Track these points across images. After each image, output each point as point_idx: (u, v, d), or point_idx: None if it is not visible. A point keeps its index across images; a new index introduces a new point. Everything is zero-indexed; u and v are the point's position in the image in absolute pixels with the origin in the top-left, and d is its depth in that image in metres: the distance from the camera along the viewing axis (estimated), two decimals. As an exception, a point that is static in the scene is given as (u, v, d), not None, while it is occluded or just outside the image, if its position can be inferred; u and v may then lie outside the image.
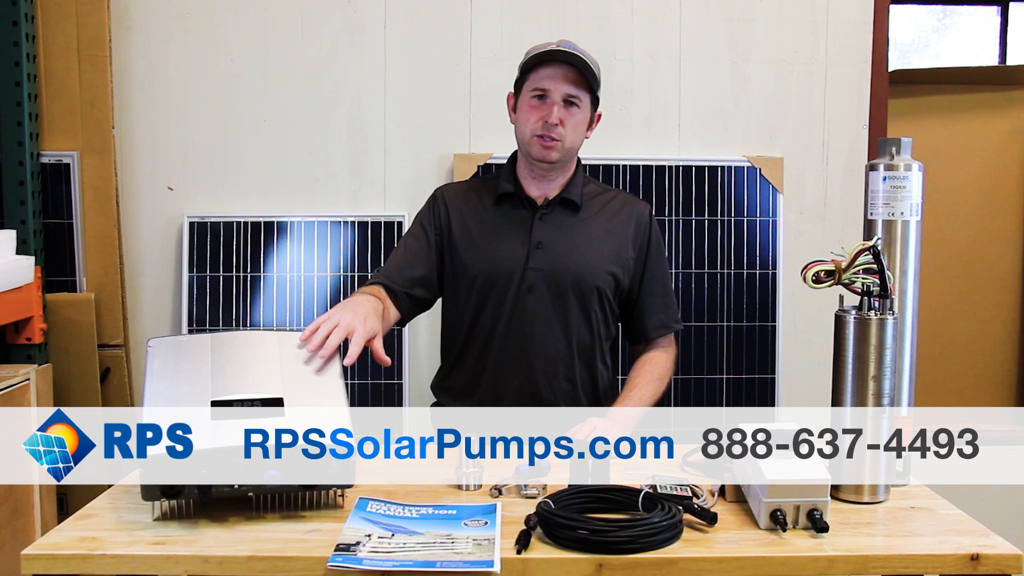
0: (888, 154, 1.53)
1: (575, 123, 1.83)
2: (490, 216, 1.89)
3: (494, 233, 1.87)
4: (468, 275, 1.87)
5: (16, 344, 2.42)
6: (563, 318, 1.85)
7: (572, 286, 1.85)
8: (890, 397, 1.43)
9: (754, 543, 1.27)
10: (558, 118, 1.79)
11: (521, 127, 1.85)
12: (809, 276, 1.43)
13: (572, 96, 1.81)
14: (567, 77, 1.80)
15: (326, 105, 2.69)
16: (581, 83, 1.81)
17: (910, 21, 3.15)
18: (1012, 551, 1.26)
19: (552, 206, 1.88)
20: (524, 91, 1.84)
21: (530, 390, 1.86)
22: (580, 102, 1.82)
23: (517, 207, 1.89)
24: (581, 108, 1.83)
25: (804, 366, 2.73)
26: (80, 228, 2.59)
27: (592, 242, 1.88)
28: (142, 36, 2.64)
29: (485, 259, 1.86)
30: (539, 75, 1.81)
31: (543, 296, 1.84)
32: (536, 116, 1.81)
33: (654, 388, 1.87)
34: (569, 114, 1.81)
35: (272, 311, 2.64)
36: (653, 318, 1.93)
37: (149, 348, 1.53)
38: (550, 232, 1.86)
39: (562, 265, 1.84)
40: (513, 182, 1.90)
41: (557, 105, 1.80)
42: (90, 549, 1.24)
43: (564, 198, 1.89)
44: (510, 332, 1.85)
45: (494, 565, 1.19)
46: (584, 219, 1.89)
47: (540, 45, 1.84)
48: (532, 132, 1.81)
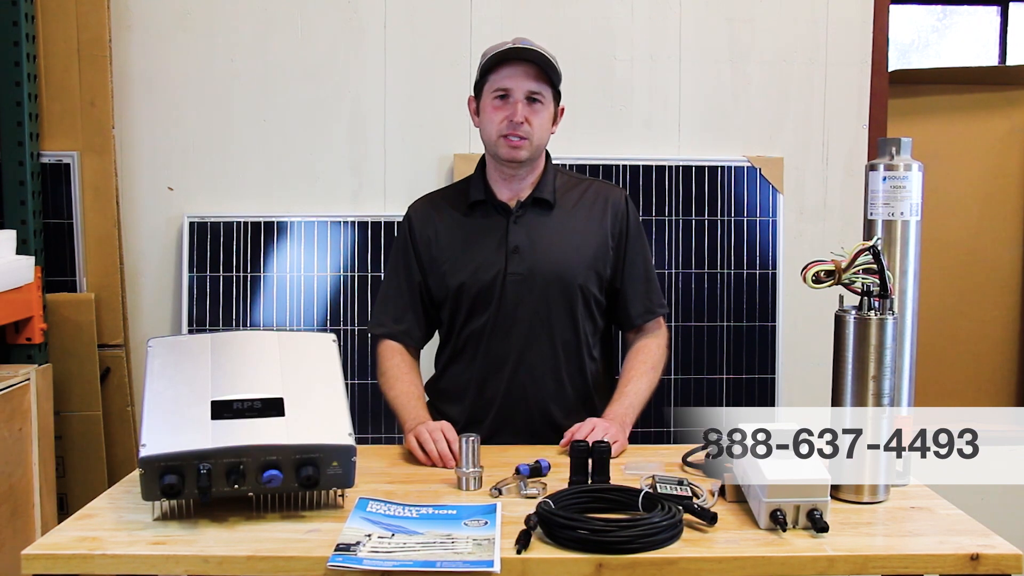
0: (888, 154, 1.53)
1: (540, 120, 1.82)
2: (464, 225, 1.89)
3: (470, 242, 1.87)
4: (449, 288, 1.87)
5: (16, 344, 2.42)
6: (546, 320, 1.85)
7: (553, 288, 1.84)
8: (890, 397, 1.43)
9: (754, 543, 1.28)
10: (523, 116, 1.79)
11: (486, 129, 1.84)
12: (809, 276, 1.43)
13: (534, 93, 1.80)
14: (527, 74, 1.79)
15: (326, 105, 2.69)
16: (542, 79, 1.80)
17: (910, 21, 3.15)
18: (1012, 551, 1.26)
19: (525, 208, 1.87)
20: (485, 93, 1.83)
21: (517, 393, 1.86)
22: (543, 98, 1.81)
23: (490, 213, 1.88)
24: (544, 104, 1.82)
25: (804, 366, 2.73)
26: (80, 228, 2.59)
27: (570, 240, 1.86)
28: (142, 36, 2.64)
29: (464, 270, 1.85)
30: (499, 75, 1.80)
31: (524, 300, 1.84)
32: (500, 116, 1.80)
33: (648, 379, 1.88)
34: (533, 111, 1.80)
35: (272, 311, 2.64)
36: (637, 304, 1.92)
37: (149, 348, 1.53)
38: (526, 235, 1.85)
39: (541, 268, 1.83)
40: (483, 188, 1.89)
41: (520, 103, 1.79)
42: (90, 549, 1.24)
43: (536, 198, 1.88)
44: (494, 338, 1.85)
45: (494, 565, 1.19)
46: (559, 216, 1.88)
47: (496, 46, 1.83)
48: (498, 133, 1.81)
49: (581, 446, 1.50)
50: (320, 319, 2.65)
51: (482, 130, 1.86)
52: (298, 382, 1.47)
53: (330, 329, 2.63)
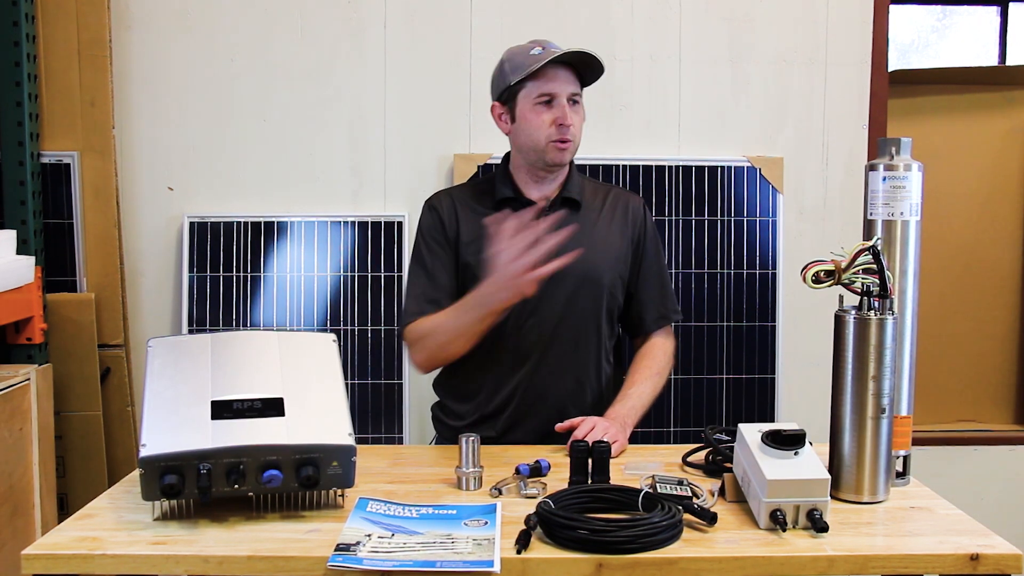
0: (888, 154, 1.53)
1: (581, 121, 1.86)
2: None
3: None
4: (478, 282, 1.86)
5: (16, 344, 2.42)
6: (571, 319, 1.85)
7: (583, 288, 1.85)
8: (890, 397, 1.43)
9: (754, 543, 1.28)
10: (571, 119, 1.81)
11: (532, 134, 1.82)
12: (809, 276, 1.43)
13: (575, 95, 1.83)
14: (568, 77, 1.81)
15: (326, 105, 2.69)
16: (578, 80, 1.84)
17: (910, 21, 3.15)
18: (1012, 551, 1.26)
19: (555, 207, 1.88)
20: (524, 99, 1.82)
21: (536, 391, 1.85)
22: (580, 99, 1.85)
23: (520, 209, 1.88)
24: (581, 104, 1.86)
25: (804, 366, 2.73)
26: (80, 228, 2.59)
27: (597, 242, 1.88)
28: (142, 36, 2.64)
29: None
30: (541, 81, 1.80)
31: (553, 298, 1.83)
32: (549, 120, 1.81)
33: (653, 384, 1.88)
34: (576, 113, 1.83)
35: (272, 311, 2.64)
36: (651, 311, 1.94)
37: (149, 348, 1.53)
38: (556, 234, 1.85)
39: (571, 267, 1.84)
40: (511, 186, 1.90)
41: (567, 107, 1.81)
42: (90, 549, 1.24)
43: (566, 197, 1.89)
44: (517, 335, 1.85)
45: (494, 565, 1.19)
46: (587, 217, 1.90)
47: (519, 50, 1.83)
48: (547, 138, 1.81)
49: (581, 446, 1.50)
50: (320, 319, 2.65)
51: (523, 135, 1.84)
52: (298, 382, 1.47)
53: (330, 329, 2.63)
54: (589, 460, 1.49)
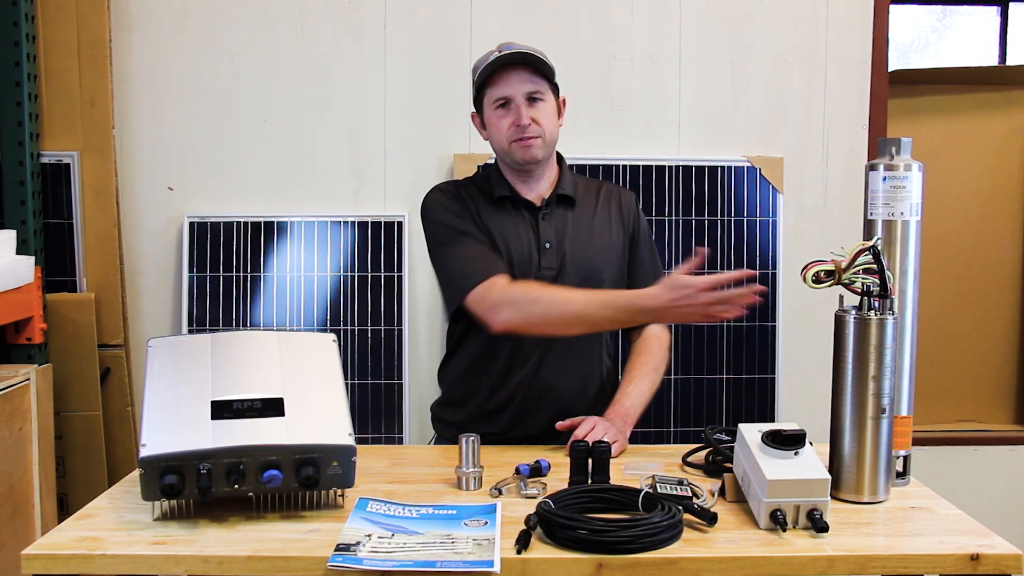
0: (888, 154, 1.53)
1: (545, 115, 1.82)
2: (494, 217, 1.88)
3: (504, 234, 1.87)
4: None
5: (16, 344, 2.42)
6: None
7: (583, 285, 1.84)
8: (890, 397, 1.43)
9: (754, 543, 1.28)
10: (528, 118, 1.79)
11: (496, 139, 1.84)
12: (809, 276, 1.43)
13: (533, 92, 1.81)
14: (521, 77, 1.80)
15: (326, 105, 2.69)
16: (536, 77, 1.81)
17: (910, 21, 3.15)
18: (1012, 551, 1.26)
19: (551, 204, 1.88)
20: (486, 106, 1.84)
21: (540, 388, 1.85)
22: (542, 94, 1.82)
23: (518, 208, 1.88)
24: (545, 99, 1.83)
25: (804, 366, 2.73)
26: (80, 228, 2.59)
27: (595, 237, 1.88)
28: (142, 36, 2.64)
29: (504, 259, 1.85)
30: (495, 85, 1.80)
31: None
32: (506, 123, 1.81)
33: (651, 380, 1.88)
34: (536, 109, 1.81)
35: (272, 311, 2.64)
36: None
37: (149, 348, 1.53)
38: (554, 232, 1.86)
39: (571, 263, 1.84)
40: (506, 185, 1.90)
41: (522, 106, 1.80)
42: (90, 549, 1.24)
43: (561, 195, 1.89)
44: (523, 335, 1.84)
45: (494, 565, 1.19)
46: (582, 214, 1.90)
47: (483, 57, 1.84)
48: (508, 139, 1.81)
49: (581, 446, 1.50)
50: (320, 319, 2.65)
51: (492, 142, 1.87)
52: (298, 382, 1.47)
53: (330, 329, 2.63)
54: (589, 460, 1.49)
